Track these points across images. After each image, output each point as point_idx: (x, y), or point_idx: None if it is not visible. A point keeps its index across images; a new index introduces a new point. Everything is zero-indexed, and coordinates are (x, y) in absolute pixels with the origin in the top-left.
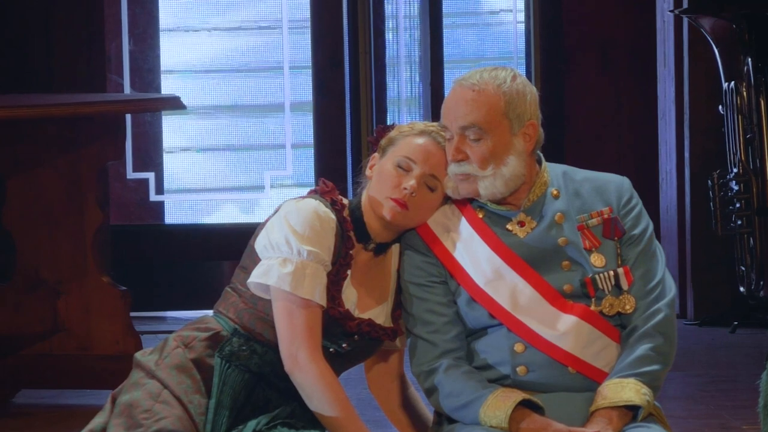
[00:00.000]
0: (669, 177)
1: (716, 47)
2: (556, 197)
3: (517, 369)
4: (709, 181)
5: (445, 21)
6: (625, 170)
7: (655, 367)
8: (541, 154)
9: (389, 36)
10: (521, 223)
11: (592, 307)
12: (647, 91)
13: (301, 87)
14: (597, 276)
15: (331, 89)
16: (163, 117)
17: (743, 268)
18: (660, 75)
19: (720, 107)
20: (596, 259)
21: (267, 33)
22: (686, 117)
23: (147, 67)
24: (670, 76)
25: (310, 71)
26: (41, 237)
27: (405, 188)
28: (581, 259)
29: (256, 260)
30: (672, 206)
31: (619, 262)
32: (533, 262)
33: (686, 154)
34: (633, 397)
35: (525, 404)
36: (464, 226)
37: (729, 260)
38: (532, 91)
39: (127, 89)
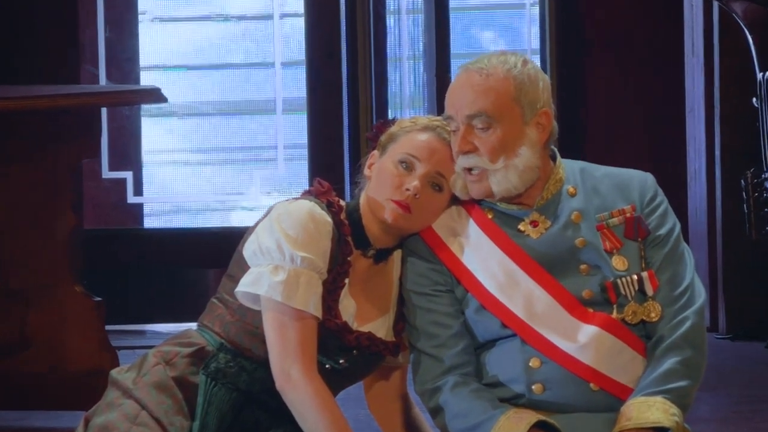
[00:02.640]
0: (698, 176)
1: (749, 34)
2: (573, 195)
3: (533, 387)
4: (743, 181)
5: (453, 12)
6: (649, 169)
7: (683, 383)
8: (556, 150)
9: (390, 23)
10: (534, 223)
11: (614, 315)
12: (674, 83)
13: (294, 81)
14: (619, 280)
15: (327, 83)
16: (143, 111)
17: None
18: (688, 65)
19: (754, 100)
20: (618, 262)
21: (257, 22)
22: (716, 111)
23: (125, 57)
24: (699, 66)
25: (303, 64)
26: (7, 242)
27: (407, 189)
28: (601, 262)
29: (244, 268)
30: (701, 209)
31: (643, 265)
32: (548, 265)
33: (717, 152)
34: (661, 418)
35: (541, 426)
36: (472, 229)
37: (764, 268)
38: (544, 78)
39: (103, 81)
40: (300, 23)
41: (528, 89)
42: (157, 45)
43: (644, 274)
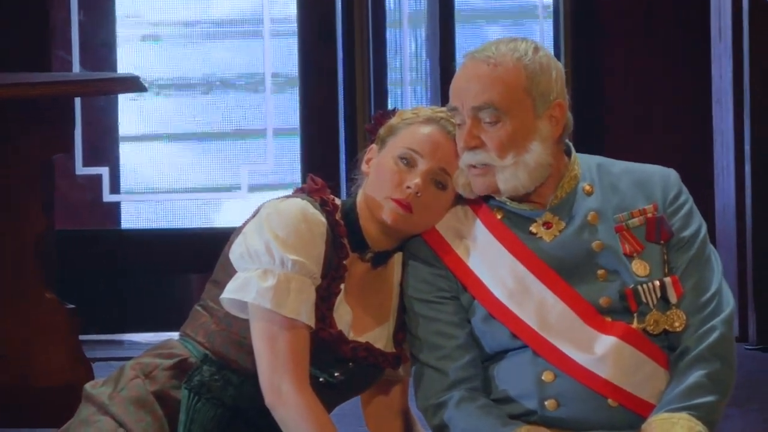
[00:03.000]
0: (726, 173)
1: None
2: (589, 193)
3: (546, 402)
4: None
5: None
6: (672, 165)
7: (710, 398)
8: (571, 145)
9: (390, 4)
10: (547, 225)
11: (634, 325)
12: (700, 71)
13: (285, 59)
14: (640, 287)
15: (320, 66)
16: (120, 101)
17: None
18: (714, 52)
19: None
20: (638, 267)
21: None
22: (746, 101)
23: (99, 41)
24: (727, 52)
25: (295, 43)
26: None
27: (409, 187)
28: (620, 266)
29: (230, 272)
30: (729, 208)
31: (666, 270)
32: (563, 270)
33: (746, 146)
34: None
35: None
36: (480, 230)
37: None
38: (557, 67)
39: (76, 68)
40: (291, 2)
41: (540, 79)
42: (134, 23)
43: (667, 279)
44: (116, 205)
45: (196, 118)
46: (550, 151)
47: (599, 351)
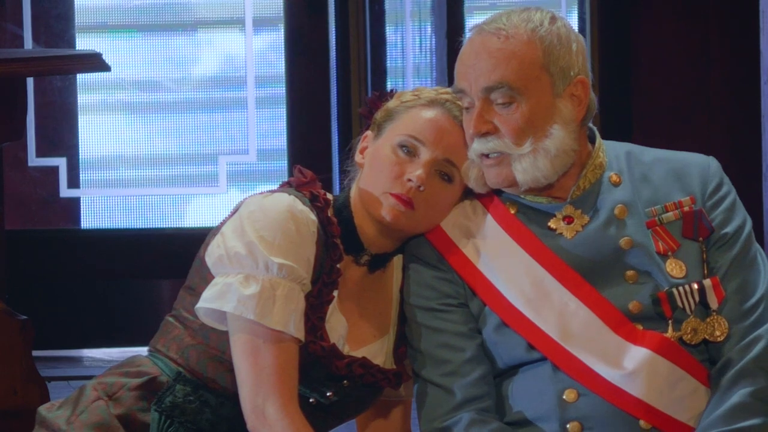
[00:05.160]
0: None
1: None
2: (617, 184)
3: (568, 426)
4: None
5: None
6: (714, 154)
7: (757, 420)
8: (595, 129)
9: None
10: (568, 219)
11: (669, 334)
12: (745, 47)
13: (270, 44)
14: (675, 290)
15: (311, 45)
16: (79, 82)
17: None
18: (763, 25)
19: None
20: (673, 267)
21: None
22: None
23: (55, 14)
24: None
25: (281, 15)
26: None
27: (410, 180)
28: (652, 267)
29: (207, 278)
30: None
31: (706, 271)
32: (586, 272)
33: None
34: None
35: None
36: (491, 227)
37: None
38: (578, 39)
39: (29, 44)
40: None
41: (559, 53)
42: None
43: (707, 282)
44: (75, 201)
45: (169, 106)
46: (574, 135)
47: (629, 365)
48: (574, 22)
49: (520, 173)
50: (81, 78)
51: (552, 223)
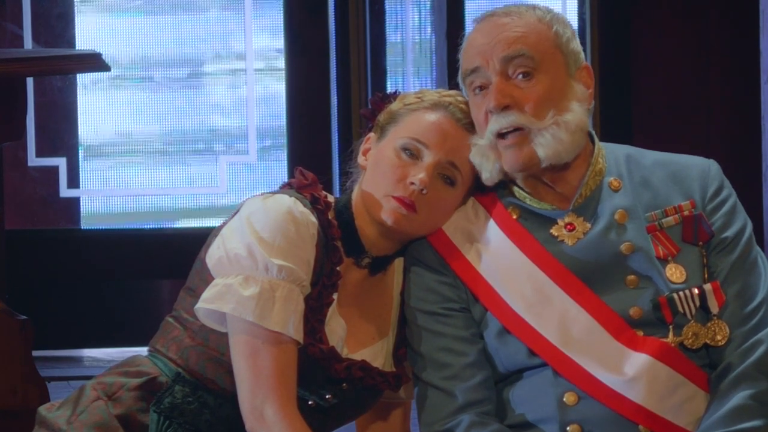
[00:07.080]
0: None
1: None
2: (617, 189)
3: (568, 429)
4: None
5: None
6: (714, 156)
7: (757, 422)
8: (594, 134)
9: None
10: (570, 227)
11: (670, 339)
12: (745, 46)
13: (269, 40)
14: (675, 295)
15: (311, 45)
16: (79, 82)
17: None
18: (763, 24)
19: None
20: (674, 272)
21: None
22: None
23: (56, 13)
24: None
25: (280, 16)
26: None
27: (412, 182)
28: (653, 271)
29: (207, 279)
30: None
31: (706, 275)
32: (587, 277)
33: None
34: None
35: None
36: (493, 232)
37: None
38: (575, 32)
39: (28, 44)
40: None
41: (568, 36)
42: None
43: (707, 286)
44: (75, 202)
45: (168, 104)
46: (588, 117)
47: (630, 371)
48: (574, 22)
49: (541, 148)
50: (81, 78)
51: (554, 230)
